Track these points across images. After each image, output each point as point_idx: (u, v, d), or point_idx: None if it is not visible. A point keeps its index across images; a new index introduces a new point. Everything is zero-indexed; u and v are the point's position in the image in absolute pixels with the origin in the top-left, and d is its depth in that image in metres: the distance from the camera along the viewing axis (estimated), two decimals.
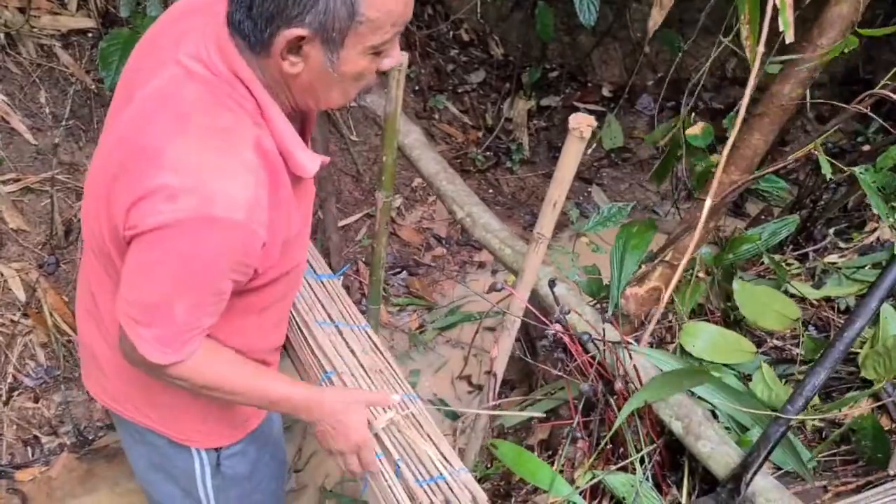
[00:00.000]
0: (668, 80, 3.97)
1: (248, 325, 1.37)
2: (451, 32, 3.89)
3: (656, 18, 1.30)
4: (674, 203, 3.38)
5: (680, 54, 3.26)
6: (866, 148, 2.33)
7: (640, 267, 1.88)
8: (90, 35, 2.74)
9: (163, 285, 1.14)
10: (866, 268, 2.14)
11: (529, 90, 3.88)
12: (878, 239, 2.25)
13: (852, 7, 1.40)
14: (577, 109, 3.98)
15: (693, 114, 3.90)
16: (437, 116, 3.65)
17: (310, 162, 1.20)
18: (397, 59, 1.19)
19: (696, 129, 1.85)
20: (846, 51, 1.32)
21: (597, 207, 3.63)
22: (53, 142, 2.58)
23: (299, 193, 1.25)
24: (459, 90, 3.80)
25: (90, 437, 2.60)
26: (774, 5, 1.14)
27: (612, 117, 3.91)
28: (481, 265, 3.38)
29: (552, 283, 1.84)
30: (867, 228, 2.44)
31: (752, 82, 1.12)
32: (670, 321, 1.96)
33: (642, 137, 3.98)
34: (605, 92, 4.06)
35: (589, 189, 3.76)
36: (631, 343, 1.74)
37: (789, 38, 1.19)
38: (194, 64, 1.13)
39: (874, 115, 1.62)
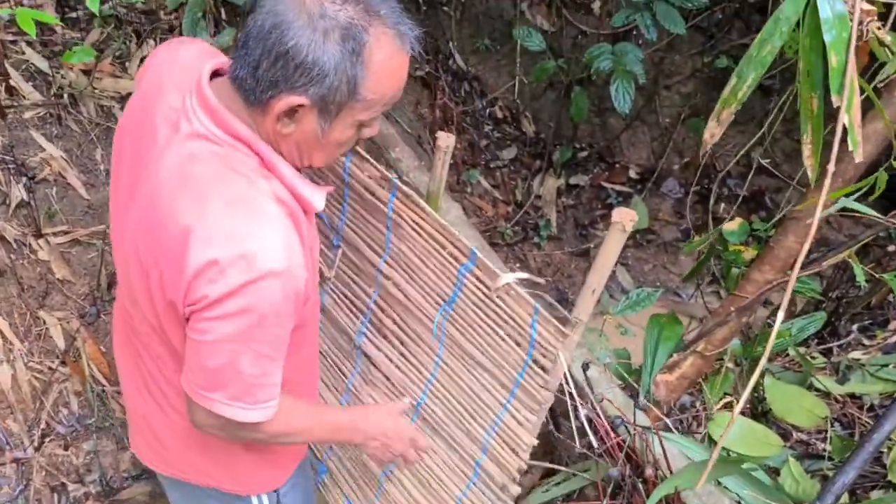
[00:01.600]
0: (693, 165, 4.10)
1: (297, 362, 1.46)
2: (487, 109, 4.02)
3: (714, 131, 1.37)
4: (697, 287, 3.45)
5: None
6: (892, 248, 2.40)
7: (671, 355, 1.93)
8: None
9: (225, 346, 1.21)
10: (891, 367, 2.19)
11: (559, 168, 3.99)
12: None
13: (888, 122, 1.48)
14: (604, 189, 4.09)
15: (718, 200, 4.02)
16: (469, 190, 3.76)
17: (316, 196, 1.29)
18: (376, 131, 1.30)
19: (733, 225, 1.93)
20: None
21: (620, 287, 3.70)
22: (107, 199, 2.68)
23: (312, 226, 1.37)
24: (492, 165, 3.92)
25: (115, 487, 2.63)
26: (844, 126, 1.22)
27: (639, 199, 4.01)
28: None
29: (586, 367, 1.90)
30: (891, 327, 2.49)
31: (821, 204, 1.19)
32: (698, 409, 2.01)
33: (667, 220, 4.07)
34: (633, 174, 4.17)
35: (613, 269, 3.82)
36: (663, 430, 1.78)
37: (858, 157, 1.26)
38: (195, 142, 1.21)
39: None
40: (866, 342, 2.42)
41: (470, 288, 1.55)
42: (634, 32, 3.63)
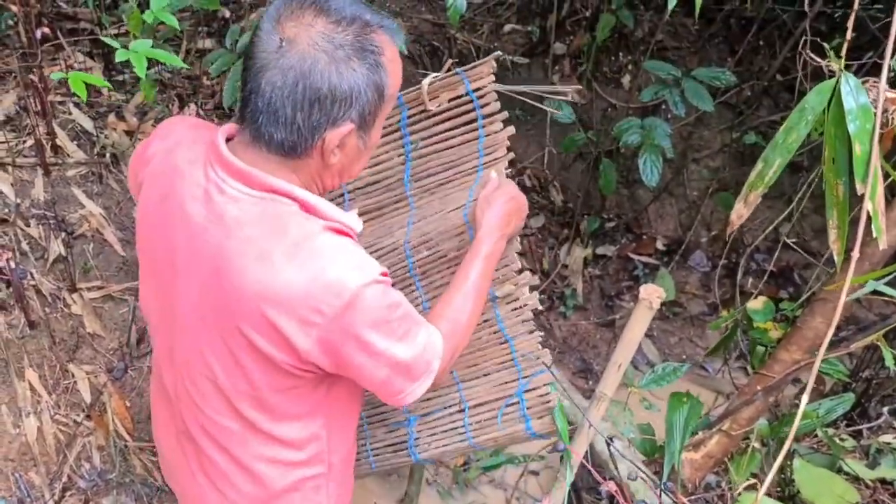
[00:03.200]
0: (721, 239, 4.09)
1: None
2: (516, 178, 4.08)
3: (741, 212, 1.40)
4: (724, 362, 3.41)
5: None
6: None
7: (696, 433, 1.91)
8: None
9: (378, 363, 1.29)
10: None
11: (586, 238, 4.01)
12: None
13: None
14: (631, 260, 4.09)
15: (746, 274, 4.00)
16: None
17: (353, 220, 1.35)
18: None
19: (757, 304, 1.93)
20: None
21: (646, 359, 3.66)
22: None
23: None
24: (519, 234, 3.95)
25: None
26: (868, 213, 1.24)
27: (665, 271, 4.00)
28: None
29: (610, 442, 1.88)
30: None
31: (845, 290, 1.20)
32: (724, 489, 1.97)
33: (694, 293, 4.05)
34: (660, 245, 4.17)
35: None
36: None
37: (882, 244, 1.28)
38: (234, 206, 1.24)
39: None
40: None
41: (416, 133, 1.77)
42: (663, 107, 3.69)
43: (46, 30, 2.68)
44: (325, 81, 1.16)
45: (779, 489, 1.99)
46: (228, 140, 1.31)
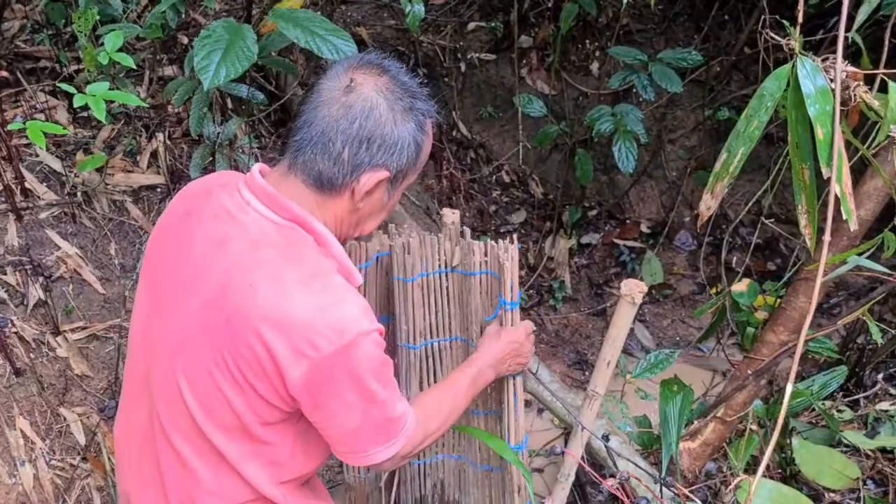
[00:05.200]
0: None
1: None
2: (493, 175, 4.06)
3: (709, 204, 1.39)
4: (718, 341, 3.41)
5: None
6: None
7: (692, 422, 1.90)
8: (159, 190, 2.93)
9: (352, 412, 1.30)
10: None
11: (570, 229, 4.00)
12: None
13: (888, 181, 1.48)
14: (617, 246, 4.08)
15: (732, 250, 4.00)
16: None
17: (356, 272, 1.39)
18: None
19: (742, 287, 1.92)
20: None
21: (640, 345, 3.66)
22: (122, 292, 2.72)
23: None
24: (502, 230, 3.93)
25: None
26: (836, 195, 1.22)
27: (652, 254, 4.00)
28: (527, 403, 3.40)
29: (606, 439, 1.87)
30: None
31: (820, 274, 1.19)
32: (725, 475, 1.96)
33: (682, 273, 4.05)
34: (644, 228, 4.16)
35: (632, 326, 3.79)
36: (692, 499, 1.74)
37: (853, 225, 1.27)
38: (255, 227, 1.29)
39: None
40: (893, 391, 2.36)
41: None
42: (634, 90, 3.69)
43: (4, 73, 2.65)
44: (379, 126, 1.25)
45: (780, 470, 1.99)
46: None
